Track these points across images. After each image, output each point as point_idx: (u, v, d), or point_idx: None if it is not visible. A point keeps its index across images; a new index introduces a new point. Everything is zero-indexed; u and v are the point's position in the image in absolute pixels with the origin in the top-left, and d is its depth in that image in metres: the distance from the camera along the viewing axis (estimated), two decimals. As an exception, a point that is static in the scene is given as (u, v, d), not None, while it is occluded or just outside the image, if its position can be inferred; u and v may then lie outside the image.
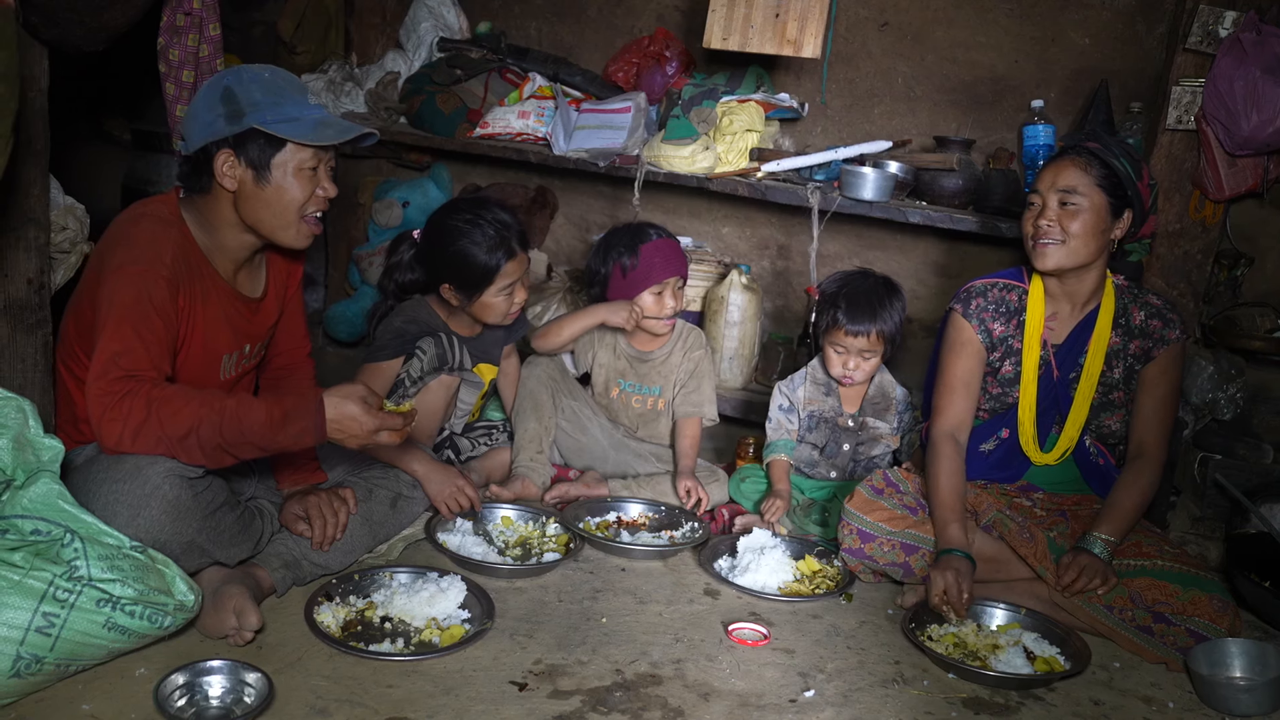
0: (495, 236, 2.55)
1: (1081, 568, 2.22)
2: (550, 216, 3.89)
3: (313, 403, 1.90)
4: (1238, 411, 2.99)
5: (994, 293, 2.47)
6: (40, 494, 1.73)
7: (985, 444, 2.49)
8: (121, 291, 1.90)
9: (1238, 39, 2.71)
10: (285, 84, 2.04)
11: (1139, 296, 2.44)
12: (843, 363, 2.73)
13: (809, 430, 2.82)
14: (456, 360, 2.63)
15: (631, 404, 2.92)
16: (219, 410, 1.85)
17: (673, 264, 2.81)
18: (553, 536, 2.52)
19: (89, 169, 3.56)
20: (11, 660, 1.62)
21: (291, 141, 1.99)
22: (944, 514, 2.32)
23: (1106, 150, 2.32)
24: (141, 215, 2.03)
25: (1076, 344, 2.42)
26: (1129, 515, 2.30)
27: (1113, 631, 2.22)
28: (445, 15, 3.81)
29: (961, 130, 3.34)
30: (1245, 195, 2.88)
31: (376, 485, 2.35)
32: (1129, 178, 2.31)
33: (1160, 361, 2.39)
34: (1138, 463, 2.37)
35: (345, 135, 2.03)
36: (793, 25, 3.03)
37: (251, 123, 1.96)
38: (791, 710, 1.90)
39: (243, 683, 1.76)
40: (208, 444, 1.84)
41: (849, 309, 2.69)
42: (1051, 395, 2.42)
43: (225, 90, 1.99)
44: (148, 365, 1.88)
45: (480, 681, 1.88)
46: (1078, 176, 2.30)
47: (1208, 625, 2.13)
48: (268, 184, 2.01)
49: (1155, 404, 2.39)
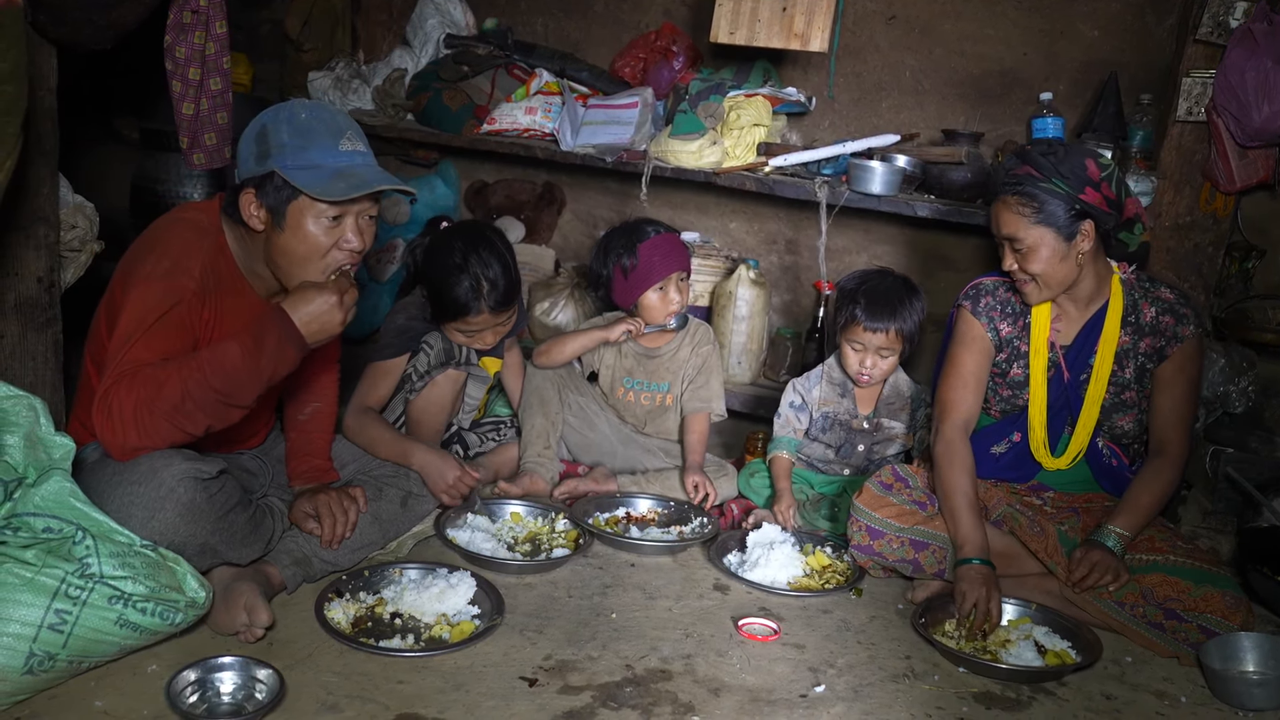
0: (472, 289, 2.51)
1: (1093, 563, 2.21)
2: (557, 212, 3.89)
3: (271, 312, 1.90)
4: (1249, 405, 2.98)
5: (1001, 292, 2.45)
6: (52, 492, 1.74)
7: (997, 446, 2.46)
8: (147, 302, 1.88)
9: (1248, 29, 2.69)
10: (320, 126, 1.96)
11: (1150, 291, 2.38)
12: (860, 360, 2.71)
13: (823, 431, 2.81)
14: (463, 355, 2.63)
15: (640, 401, 2.92)
16: (197, 365, 1.83)
17: (672, 260, 2.79)
18: (562, 532, 2.52)
19: (98, 168, 3.58)
20: (24, 657, 1.63)
21: (303, 192, 1.93)
22: (960, 515, 2.27)
23: (1037, 177, 2.22)
24: (178, 221, 2.02)
25: (1086, 344, 2.37)
26: (1145, 511, 2.28)
27: (1124, 627, 2.21)
28: (452, 12, 3.81)
29: (970, 123, 3.33)
30: (1256, 187, 2.86)
31: (386, 484, 2.35)
32: (1069, 196, 2.21)
33: (1175, 359, 2.34)
34: (1158, 460, 2.33)
35: (355, 191, 1.94)
36: (800, 19, 3.02)
37: (273, 165, 1.92)
38: (802, 705, 1.90)
39: (254, 679, 1.77)
40: (205, 401, 1.82)
41: (868, 305, 2.67)
42: (1063, 397, 2.38)
43: (261, 129, 1.95)
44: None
45: (490, 677, 1.88)
46: (1014, 222, 2.24)
47: (1220, 622, 2.11)
48: (284, 230, 1.96)
49: (1173, 402, 2.34)
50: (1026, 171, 2.24)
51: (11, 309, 2.30)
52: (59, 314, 2.41)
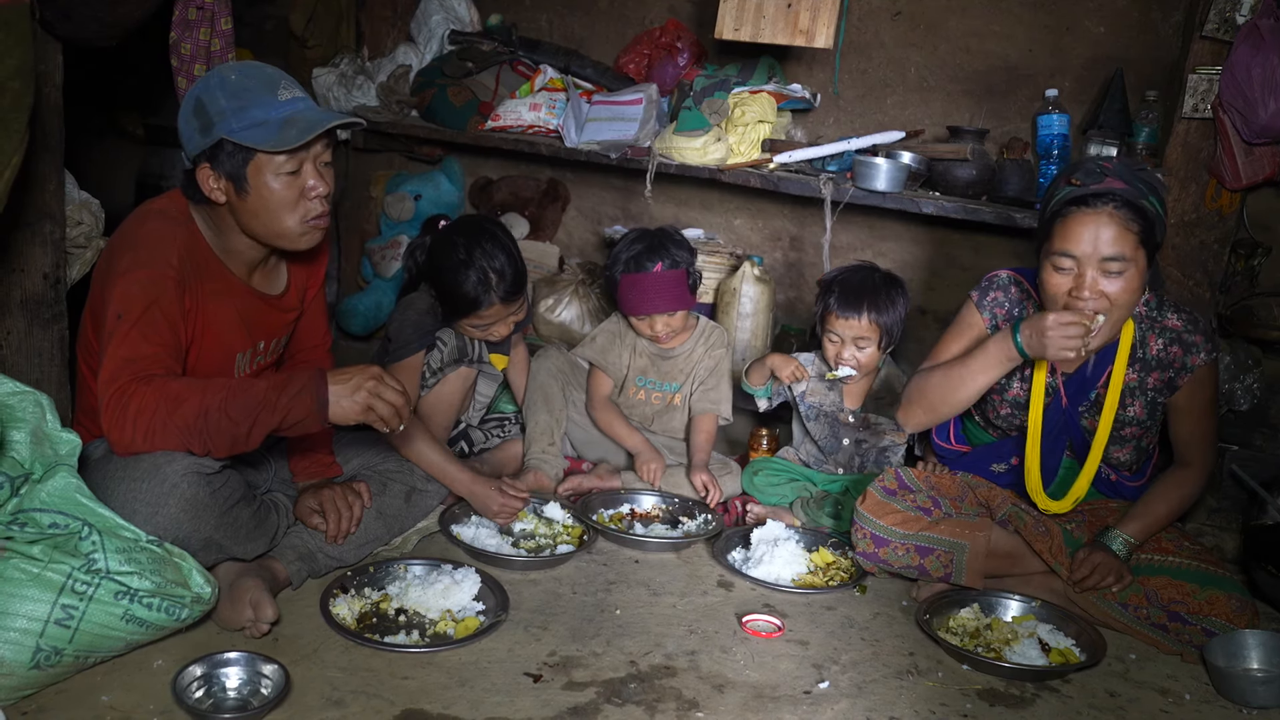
0: (481, 282, 2.51)
1: (1095, 565, 2.20)
2: (562, 209, 3.89)
3: (311, 369, 1.89)
4: (1255, 402, 2.97)
5: (1014, 290, 2.34)
6: (58, 488, 1.75)
7: (997, 465, 2.43)
8: (129, 296, 1.88)
9: (1255, 26, 2.68)
10: (253, 83, 1.91)
11: (1156, 321, 2.24)
12: (836, 351, 2.71)
13: (810, 420, 2.81)
14: (476, 352, 2.63)
15: (650, 400, 2.92)
16: (220, 389, 1.83)
17: (646, 304, 2.73)
18: (566, 529, 2.52)
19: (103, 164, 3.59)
20: (31, 652, 1.63)
21: (258, 150, 1.90)
22: (971, 348, 2.19)
23: (1135, 190, 1.99)
24: (148, 214, 2.01)
25: (1090, 377, 2.25)
26: (1159, 520, 2.25)
27: (1127, 628, 2.21)
28: (456, 8, 3.81)
29: (975, 120, 3.32)
30: (1262, 184, 2.85)
31: (391, 479, 2.35)
32: (1159, 217, 2.02)
33: (1187, 389, 2.24)
34: (1182, 471, 2.30)
35: (308, 133, 1.89)
36: (805, 15, 3.01)
37: (220, 134, 1.88)
38: (806, 702, 1.90)
39: (259, 674, 1.78)
40: (218, 426, 1.82)
41: (841, 294, 2.68)
42: (1060, 423, 2.28)
43: (196, 102, 1.91)
44: (158, 369, 1.87)
45: (495, 673, 1.89)
46: (1122, 239, 1.98)
47: (1225, 625, 2.11)
48: (248, 194, 1.93)
49: (1193, 425, 2.27)
50: (1116, 185, 1.99)
51: (17, 305, 2.31)
52: (65, 310, 2.41)
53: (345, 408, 1.85)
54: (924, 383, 2.26)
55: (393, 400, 1.86)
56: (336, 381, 1.85)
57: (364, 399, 1.84)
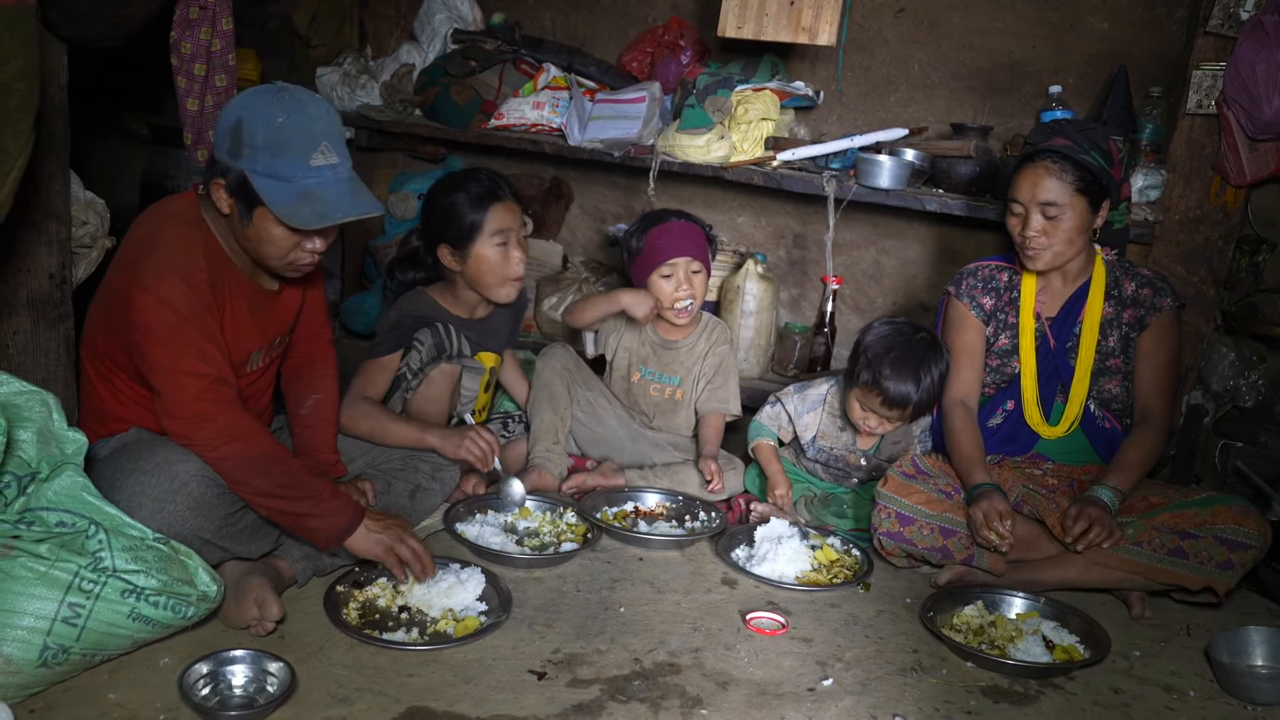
0: (480, 188, 2.56)
1: (1091, 519, 2.26)
2: (565, 207, 3.89)
3: (355, 496, 2.12)
4: (1259, 399, 2.97)
5: (984, 272, 2.58)
6: (64, 486, 1.76)
7: (992, 419, 2.54)
8: (170, 305, 1.89)
9: (1259, 21, 2.68)
10: (294, 137, 1.90)
11: (1130, 269, 2.53)
12: (863, 419, 2.59)
13: (818, 462, 2.75)
14: (454, 348, 2.62)
15: (649, 392, 2.92)
16: (283, 459, 1.97)
17: (679, 244, 2.76)
18: (570, 527, 2.53)
19: (108, 164, 3.59)
20: (39, 650, 1.64)
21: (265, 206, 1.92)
22: (968, 464, 2.40)
23: (1077, 148, 2.33)
24: (166, 218, 2.02)
25: (1070, 315, 2.50)
26: (1136, 469, 2.38)
27: (1148, 568, 2.26)
28: (459, 7, 3.81)
29: (978, 117, 3.32)
30: (1267, 180, 2.85)
31: (395, 478, 2.36)
32: (1103, 170, 2.34)
33: (1154, 329, 2.46)
34: (1142, 426, 2.45)
35: (319, 222, 1.91)
36: (807, 13, 3.01)
37: (244, 167, 1.90)
38: (810, 699, 1.90)
39: (265, 672, 1.78)
40: (261, 478, 1.91)
41: (893, 378, 2.47)
42: (1051, 364, 2.49)
43: (237, 122, 1.91)
44: (226, 369, 1.95)
45: (500, 671, 1.89)
46: (1056, 189, 2.34)
47: (1234, 529, 2.21)
48: (250, 226, 1.97)
49: (1154, 370, 2.46)
50: (1064, 143, 2.34)
51: (23, 305, 2.31)
52: (71, 310, 2.42)
53: (368, 542, 2.00)
54: (948, 446, 2.52)
55: (414, 548, 2.05)
56: (372, 518, 2.02)
57: (388, 540, 2.02)
